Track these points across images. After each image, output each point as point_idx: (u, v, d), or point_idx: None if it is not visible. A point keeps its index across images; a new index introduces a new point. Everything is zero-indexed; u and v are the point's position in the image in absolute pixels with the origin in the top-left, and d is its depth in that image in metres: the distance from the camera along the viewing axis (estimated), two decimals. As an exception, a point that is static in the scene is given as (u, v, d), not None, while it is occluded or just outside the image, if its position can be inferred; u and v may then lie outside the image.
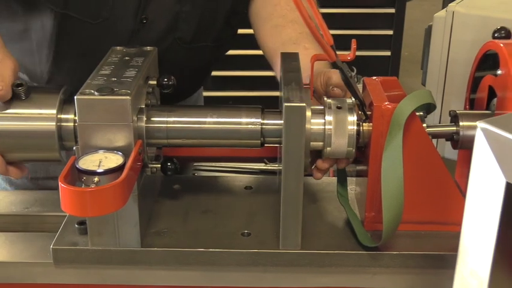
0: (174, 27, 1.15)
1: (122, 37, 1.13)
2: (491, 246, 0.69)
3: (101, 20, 1.12)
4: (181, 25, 1.15)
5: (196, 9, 1.14)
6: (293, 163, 0.86)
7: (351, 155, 0.92)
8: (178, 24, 1.15)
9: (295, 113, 0.84)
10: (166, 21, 1.15)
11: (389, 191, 0.86)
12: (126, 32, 1.13)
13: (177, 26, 1.15)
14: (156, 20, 1.14)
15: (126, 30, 1.13)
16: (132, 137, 0.86)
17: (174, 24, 1.15)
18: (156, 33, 1.15)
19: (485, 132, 0.66)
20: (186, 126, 0.93)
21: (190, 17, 1.14)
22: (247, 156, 1.19)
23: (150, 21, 1.13)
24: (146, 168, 0.93)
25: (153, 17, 1.13)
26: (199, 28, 1.08)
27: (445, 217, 0.93)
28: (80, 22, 1.11)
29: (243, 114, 0.92)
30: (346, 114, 0.91)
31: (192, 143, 0.94)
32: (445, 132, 0.96)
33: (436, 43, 1.36)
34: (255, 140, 0.92)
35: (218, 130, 0.92)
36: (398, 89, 0.98)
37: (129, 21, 1.13)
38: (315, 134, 0.91)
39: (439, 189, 0.93)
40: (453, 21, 1.33)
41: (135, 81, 0.88)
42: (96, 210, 0.79)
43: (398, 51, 3.00)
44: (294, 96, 0.86)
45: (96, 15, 1.11)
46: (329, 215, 1.00)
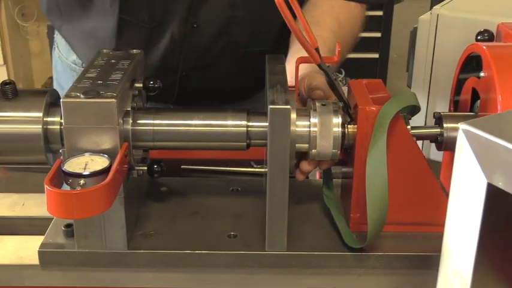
0: (226, 32, 1.16)
1: (174, 41, 1.15)
2: (474, 247, 0.69)
3: (155, 24, 1.14)
4: (234, 30, 1.15)
5: (250, 15, 1.14)
6: (278, 165, 0.86)
7: (336, 157, 0.93)
8: (230, 28, 1.15)
9: (280, 116, 0.84)
10: (218, 25, 1.15)
11: (374, 192, 0.87)
12: (178, 36, 1.15)
13: (229, 31, 1.15)
14: (207, 25, 1.15)
15: (178, 34, 1.15)
16: (118, 140, 0.85)
17: (226, 28, 1.15)
18: (207, 38, 1.16)
19: (467, 133, 0.67)
20: (171, 128, 0.92)
21: (244, 22, 1.15)
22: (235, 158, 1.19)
23: (201, 26, 1.14)
24: (132, 171, 0.93)
25: (204, 21, 1.14)
26: (253, 33, 1.07)
27: (430, 218, 0.93)
28: (136, 26, 1.14)
29: (229, 117, 0.92)
30: (331, 116, 0.91)
31: (178, 145, 0.94)
32: (429, 134, 0.96)
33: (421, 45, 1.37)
34: (241, 142, 0.92)
35: (204, 132, 0.92)
36: (383, 91, 0.98)
37: (180, 26, 1.14)
38: (300, 136, 0.91)
39: (424, 190, 0.93)
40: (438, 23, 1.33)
41: (121, 84, 0.88)
42: (82, 212, 0.79)
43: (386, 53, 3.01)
44: (278, 99, 0.86)
45: (150, 19, 1.14)
46: (315, 216, 1.01)
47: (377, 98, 0.94)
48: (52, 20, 1.31)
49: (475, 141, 0.66)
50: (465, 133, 0.67)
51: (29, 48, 3.50)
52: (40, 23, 3.32)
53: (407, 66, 1.45)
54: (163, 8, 1.13)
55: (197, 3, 1.13)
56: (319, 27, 1.12)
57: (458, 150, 0.70)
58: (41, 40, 3.40)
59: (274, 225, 0.90)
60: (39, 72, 3.52)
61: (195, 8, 1.13)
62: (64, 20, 1.26)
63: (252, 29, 1.14)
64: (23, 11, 3.31)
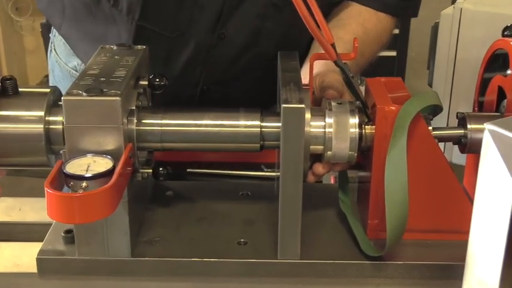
0: (254, 44, 1.16)
1: (198, 51, 1.16)
2: (501, 255, 0.69)
3: (178, 33, 1.14)
4: (263, 41, 1.16)
5: (279, 27, 1.15)
6: (291, 168, 0.87)
7: (352, 160, 0.93)
8: (259, 40, 1.16)
9: (294, 115, 0.85)
10: (246, 37, 1.16)
11: (393, 197, 0.87)
12: (203, 47, 1.16)
13: (257, 43, 1.16)
14: (235, 36, 1.15)
15: (203, 45, 1.15)
16: (122, 140, 0.86)
17: (254, 40, 1.16)
18: (234, 49, 1.17)
19: (493, 134, 0.67)
20: (181, 129, 0.94)
21: (273, 34, 1.15)
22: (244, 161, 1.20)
23: (228, 37, 1.15)
24: (137, 173, 0.93)
25: (232, 32, 1.15)
26: (282, 46, 1.09)
27: (453, 225, 0.94)
28: (156, 34, 1.14)
29: (241, 117, 0.93)
30: (348, 116, 0.92)
31: (187, 146, 0.95)
32: (452, 135, 0.97)
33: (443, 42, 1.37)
34: (254, 143, 0.93)
35: (215, 133, 0.93)
36: (403, 90, 0.99)
37: (206, 36, 1.15)
38: (315, 137, 0.91)
39: (446, 195, 0.94)
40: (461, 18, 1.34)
41: (125, 82, 0.89)
42: (84, 216, 0.80)
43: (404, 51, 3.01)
44: (292, 97, 0.87)
45: (173, 28, 1.14)
46: (330, 222, 1.01)
47: (396, 97, 0.95)
48: (49, 16, 1.29)
49: (501, 143, 0.67)
50: (491, 134, 0.68)
51: (23, 44, 3.52)
52: (35, 18, 3.34)
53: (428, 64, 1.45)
54: (189, 16, 1.12)
55: (227, 12, 1.13)
56: (342, 30, 1.13)
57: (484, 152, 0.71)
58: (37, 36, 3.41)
59: (287, 232, 0.90)
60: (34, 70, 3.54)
61: (225, 18, 1.13)
62: (66, 18, 1.24)
63: (281, 40, 1.15)
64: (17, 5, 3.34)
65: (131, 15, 1.13)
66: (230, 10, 1.13)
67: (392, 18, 1.21)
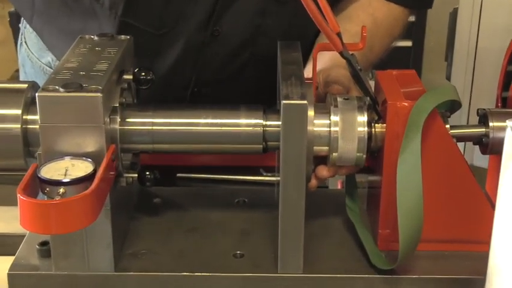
0: (251, 42, 1.17)
1: (189, 50, 1.16)
2: (525, 267, 0.70)
3: (165, 30, 1.14)
4: (261, 40, 1.16)
5: (280, 24, 1.16)
6: (293, 171, 0.88)
7: (360, 162, 0.94)
8: (257, 38, 1.16)
9: (295, 112, 0.86)
10: (244, 34, 1.16)
11: (406, 204, 0.88)
12: (194, 45, 1.16)
13: (255, 41, 1.17)
14: (230, 33, 1.16)
15: (194, 43, 1.15)
16: (104, 141, 0.87)
17: (252, 38, 1.17)
18: (229, 48, 1.17)
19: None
20: (175, 128, 0.95)
21: (273, 32, 1.16)
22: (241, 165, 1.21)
23: (223, 34, 1.15)
24: (121, 178, 0.94)
25: (227, 29, 1.15)
26: None
27: (473, 235, 0.95)
28: (142, 31, 1.14)
29: (242, 115, 0.94)
30: (355, 114, 0.93)
31: (182, 148, 0.96)
32: (472, 134, 0.98)
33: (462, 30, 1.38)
34: (257, 144, 0.94)
35: (213, 133, 0.94)
36: (417, 84, 1.00)
37: (198, 33, 1.15)
38: (319, 136, 0.92)
39: (466, 201, 0.95)
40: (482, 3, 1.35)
41: (107, 76, 0.90)
42: (61, 226, 0.80)
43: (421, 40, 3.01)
44: (293, 93, 0.88)
45: (160, 24, 1.14)
46: (336, 232, 1.02)
47: (410, 92, 0.95)
48: (18, 6, 1.28)
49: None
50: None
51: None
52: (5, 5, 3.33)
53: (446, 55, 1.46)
54: (179, 11, 1.13)
55: (222, 7, 1.13)
56: (350, 22, 1.14)
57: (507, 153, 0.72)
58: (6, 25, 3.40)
59: (288, 243, 0.91)
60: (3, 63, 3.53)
61: (219, 13, 1.13)
62: (36, 10, 1.23)
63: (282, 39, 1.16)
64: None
65: (114, 10, 1.13)
66: (225, 4, 1.13)
67: (405, 9, 1.22)
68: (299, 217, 0.90)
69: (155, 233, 1.01)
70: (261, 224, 1.03)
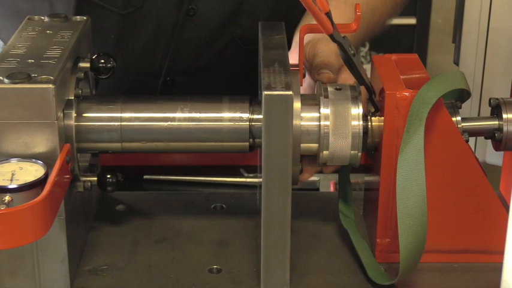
0: (232, 23, 1.17)
1: (160, 32, 1.16)
2: (543, 281, 0.71)
3: (131, 9, 1.14)
4: (243, 20, 1.16)
5: (265, 1, 1.15)
6: (277, 173, 0.88)
7: (355, 161, 0.94)
8: (238, 19, 1.16)
9: (278, 105, 0.86)
10: (222, 13, 1.16)
11: (408, 208, 0.88)
12: (166, 27, 1.16)
13: (236, 22, 1.16)
14: (207, 12, 1.16)
15: (166, 24, 1.15)
16: (57, 140, 0.87)
17: (232, 18, 1.16)
18: (207, 29, 1.17)
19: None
20: (148, 124, 0.94)
21: (257, 11, 1.16)
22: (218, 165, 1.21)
23: (199, 14, 1.15)
24: (77, 183, 0.94)
25: (204, 8, 1.15)
26: None
27: (485, 244, 0.95)
28: (104, 11, 1.14)
29: (225, 108, 0.95)
30: (349, 106, 0.93)
31: (155, 147, 0.96)
32: (483, 127, 0.98)
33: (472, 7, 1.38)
34: (242, 141, 0.95)
35: (192, 129, 0.94)
36: (420, 70, 1.00)
37: (171, 13, 1.15)
38: (307, 132, 0.93)
39: (476, 205, 0.95)
40: (495, -24, 1.35)
41: (60, 64, 0.89)
42: (7, 240, 0.80)
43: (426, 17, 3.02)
44: (276, 82, 0.87)
45: (126, 2, 1.13)
46: (328, 241, 1.02)
47: (411, 79, 0.96)
48: None
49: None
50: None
51: None
52: None
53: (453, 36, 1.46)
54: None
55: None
56: None
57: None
58: None
59: (272, 255, 0.91)
60: None
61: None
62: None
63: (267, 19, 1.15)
64: None
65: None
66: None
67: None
68: (284, 225, 0.89)
69: (118, 246, 1.01)
70: (241, 234, 1.03)
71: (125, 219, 1.07)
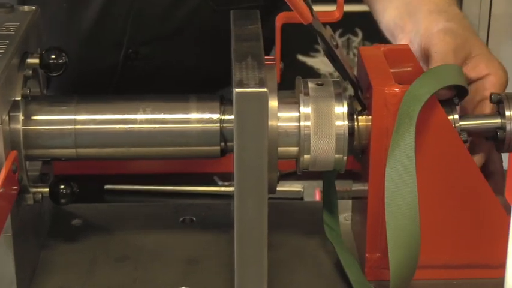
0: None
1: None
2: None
3: None
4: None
5: None
6: (251, 180, 0.87)
7: (340, 166, 0.94)
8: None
9: (252, 104, 0.85)
10: None
11: (398, 219, 0.88)
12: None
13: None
14: None
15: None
16: (2, 147, 0.86)
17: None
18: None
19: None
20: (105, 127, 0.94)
21: None
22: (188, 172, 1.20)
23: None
24: (26, 195, 0.94)
25: None
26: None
27: (487, 257, 0.95)
28: None
29: (193, 107, 0.95)
30: (332, 104, 0.93)
31: (114, 153, 0.96)
32: (483, 126, 0.98)
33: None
34: (212, 145, 0.95)
35: (155, 132, 0.94)
36: (412, 62, 1.00)
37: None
38: (285, 134, 0.93)
39: (477, 215, 0.95)
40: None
41: (5, 60, 0.89)
42: None
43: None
44: (249, 78, 0.87)
45: None
46: (312, 258, 1.02)
47: (402, 73, 0.96)
48: None
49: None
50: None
51: None
52: None
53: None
54: None
55: None
56: None
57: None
58: None
59: (247, 274, 0.91)
60: None
61: None
62: None
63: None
64: None
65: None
66: None
67: None
68: (260, 240, 0.89)
69: (74, 265, 1.00)
70: (214, 250, 1.03)
71: (81, 235, 1.06)
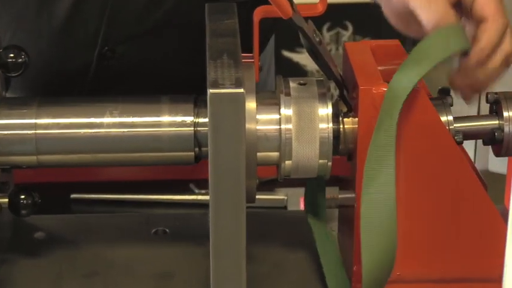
0: None
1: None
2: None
3: None
4: None
5: None
6: (227, 190, 0.87)
7: (325, 172, 0.95)
8: None
9: (227, 105, 0.85)
10: None
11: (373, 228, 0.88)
12: None
13: None
14: None
15: None
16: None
17: None
18: None
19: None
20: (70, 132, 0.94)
21: None
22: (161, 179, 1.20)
23: None
24: (-17, 206, 0.93)
25: None
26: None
27: (484, 270, 0.95)
28: None
29: (165, 110, 0.95)
30: (316, 105, 0.93)
31: (79, 159, 0.96)
32: (480, 128, 0.98)
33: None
34: (186, 151, 0.95)
35: (123, 137, 0.94)
36: (403, 59, 0.99)
37: None
38: (265, 138, 0.93)
39: (473, 224, 0.95)
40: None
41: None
42: None
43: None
44: (225, 78, 0.87)
45: None
46: (294, 271, 1.03)
47: (392, 71, 0.95)
48: None
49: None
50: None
51: None
52: None
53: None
54: None
55: None
56: None
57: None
58: None
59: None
60: None
61: None
62: None
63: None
64: None
65: None
66: None
67: None
68: (238, 253, 0.89)
69: (37, 282, 1.00)
70: (188, 264, 1.03)
71: (45, 249, 1.06)
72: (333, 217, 1.09)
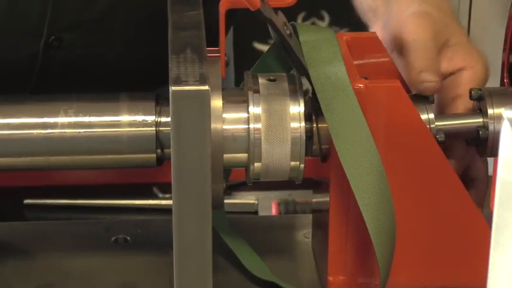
0: None
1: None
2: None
3: None
4: None
5: None
6: (191, 193, 0.88)
7: (297, 175, 0.95)
8: None
9: (191, 103, 0.86)
10: None
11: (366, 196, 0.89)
12: None
13: None
14: None
15: None
16: None
17: None
18: None
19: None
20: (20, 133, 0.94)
21: None
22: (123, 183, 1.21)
23: None
24: None
25: None
26: None
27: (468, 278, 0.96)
28: None
29: (124, 108, 0.95)
30: (287, 102, 0.94)
31: (31, 162, 0.96)
32: (463, 126, 0.99)
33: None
34: (147, 152, 0.96)
35: (79, 138, 0.94)
36: (381, 53, 1.01)
37: None
38: (232, 139, 0.93)
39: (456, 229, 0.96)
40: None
41: None
42: None
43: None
44: (188, 74, 0.88)
45: None
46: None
47: (368, 65, 0.97)
48: None
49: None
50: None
51: None
52: None
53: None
54: None
55: None
56: None
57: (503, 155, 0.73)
58: None
59: (190, 303, 0.92)
60: None
61: None
62: None
63: None
64: None
65: None
66: None
67: None
68: (204, 262, 0.90)
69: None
70: (151, 274, 1.03)
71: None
72: (307, 223, 1.10)
